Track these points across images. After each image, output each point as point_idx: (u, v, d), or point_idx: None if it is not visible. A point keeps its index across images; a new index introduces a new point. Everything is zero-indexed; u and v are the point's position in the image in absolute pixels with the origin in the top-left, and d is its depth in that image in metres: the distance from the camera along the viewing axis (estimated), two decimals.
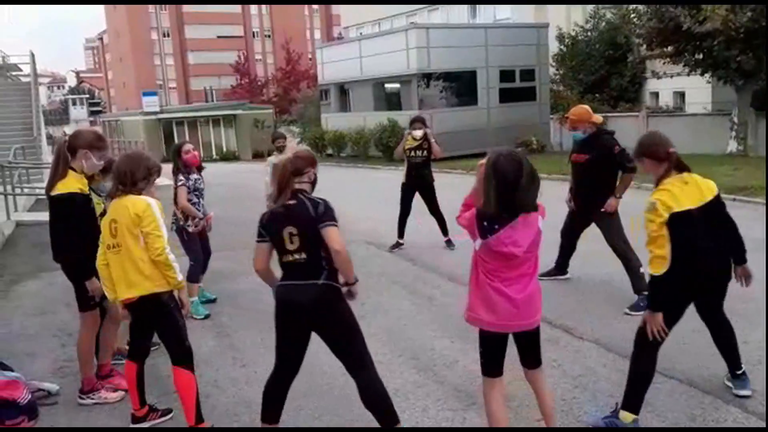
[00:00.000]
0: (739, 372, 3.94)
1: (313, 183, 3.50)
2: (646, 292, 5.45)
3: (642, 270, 5.62)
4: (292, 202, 3.35)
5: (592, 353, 4.76)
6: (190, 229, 6.15)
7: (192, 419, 3.66)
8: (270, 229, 3.38)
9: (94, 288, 4.09)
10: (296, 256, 3.31)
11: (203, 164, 6.49)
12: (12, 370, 4.34)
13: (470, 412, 3.94)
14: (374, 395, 3.38)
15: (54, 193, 4.06)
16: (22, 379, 4.19)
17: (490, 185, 3.02)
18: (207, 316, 5.97)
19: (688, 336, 4.67)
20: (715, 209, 3.64)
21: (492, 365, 3.30)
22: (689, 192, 3.56)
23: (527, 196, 3.04)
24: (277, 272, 3.48)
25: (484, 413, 3.87)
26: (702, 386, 4.09)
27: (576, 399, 4.02)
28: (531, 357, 3.36)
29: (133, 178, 3.67)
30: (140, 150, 4.08)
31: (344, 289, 3.42)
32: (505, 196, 3.00)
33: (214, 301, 6.51)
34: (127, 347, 5.08)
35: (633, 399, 3.59)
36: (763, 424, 3.63)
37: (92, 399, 4.27)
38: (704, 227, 3.55)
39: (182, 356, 3.72)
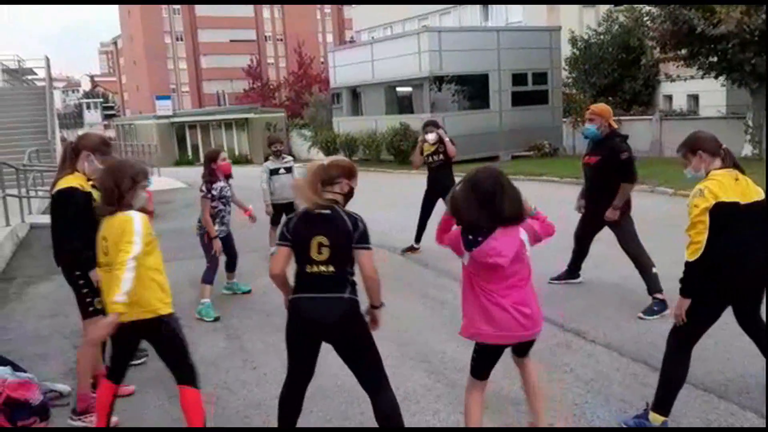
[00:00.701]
0: None
1: (347, 195, 3.30)
2: (659, 295, 5.45)
3: (655, 270, 5.58)
4: (325, 211, 3.18)
5: (605, 357, 4.71)
6: (216, 247, 6.29)
7: None
8: (296, 234, 3.20)
9: (97, 279, 3.92)
10: (322, 268, 3.16)
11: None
12: (24, 371, 4.36)
13: (483, 416, 3.90)
14: (393, 416, 3.26)
15: (55, 189, 4.06)
16: (35, 380, 4.20)
17: (469, 199, 3.13)
18: (217, 319, 5.98)
19: (703, 342, 4.60)
20: (760, 211, 3.59)
21: (481, 370, 3.38)
22: (738, 187, 3.53)
23: (503, 209, 3.10)
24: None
25: (497, 417, 3.87)
26: (717, 391, 4.04)
27: (588, 403, 3.98)
28: (522, 351, 3.45)
29: (119, 191, 3.46)
30: (120, 159, 3.86)
31: (368, 314, 3.33)
32: (485, 208, 3.09)
33: (248, 292, 6.88)
34: None
35: (664, 401, 3.57)
36: None
37: (83, 422, 4.04)
38: (749, 224, 3.53)
39: (186, 375, 3.54)
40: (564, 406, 3.92)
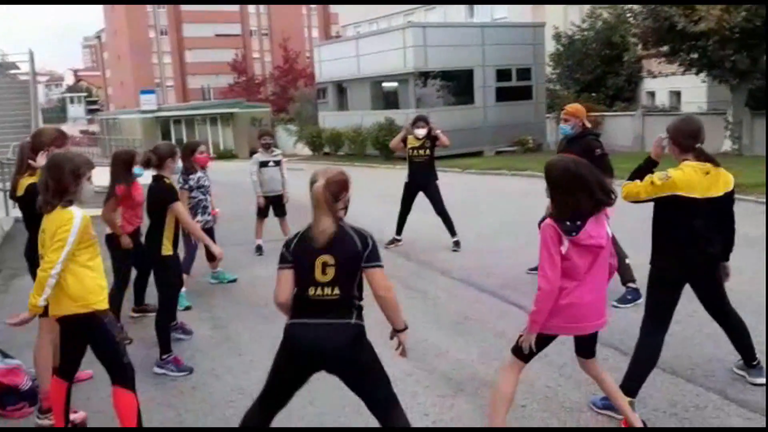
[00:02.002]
0: (754, 363, 4.06)
1: (346, 208, 3.05)
2: (632, 284, 5.64)
3: (628, 261, 5.75)
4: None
5: None
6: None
7: None
8: (298, 254, 2.95)
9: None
10: (327, 290, 2.91)
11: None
12: (13, 359, 4.45)
13: (458, 398, 4.06)
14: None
15: (21, 192, 4.00)
16: (23, 367, 4.29)
17: (574, 189, 3.18)
18: (188, 308, 6.05)
19: (672, 328, 4.78)
20: (722, 204, 3.75)
21: (529, 354, 3.35)
22: (705, 181, 3.68)
23: (605, 191, 3.22)
24: None
25: (472, 399, 4.01)
26: (684, 375, 4.22)
27: (560, 387, 4.14)
28: (586, 349, 3.47)
29: (59, 186, 3.33)
30: (61, 154, 3.69)
31: (395, 339, 3.13)
32: (590, 194, 3.17)
33: (234, 281, 7.07)
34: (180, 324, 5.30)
35: (632, 383, 3.71)
36: (743, 411, 3.74)
37: (50, 420, 3.87)
38: (708, 218, 3.71)
39: (121, 375, 3.42)
40: (536, 389, 4.07)
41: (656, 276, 3.84)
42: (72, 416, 3.80)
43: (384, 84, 24.24)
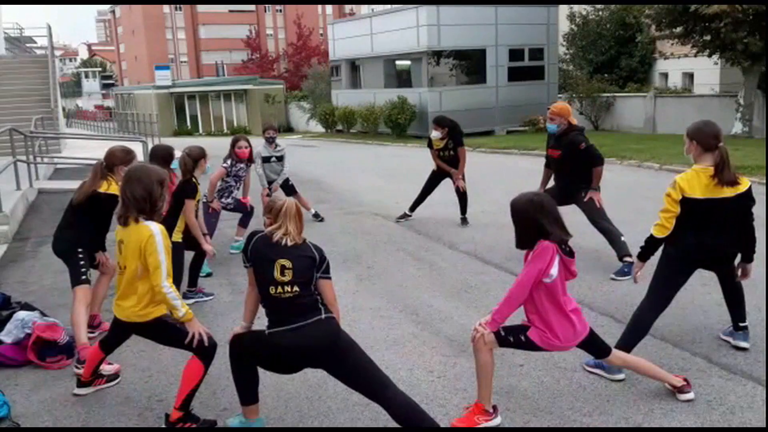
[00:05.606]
0: (742, 325, 4.35)
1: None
2: (629, 258, 5.92)
3: (623, 238, 6.04)
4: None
5: None
6: (214, 206, 7.16)
7: (178, 404, 3.53)
8: (257, 254, 3.24)
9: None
10: (287, 288, 3.17)
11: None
12: (49, 318, 4.81)
13: (460, 358, 4.38)
14: (408, 409, 3.17)
15: (104, 190, 4.53)
16: (60, 324, 4.66)
17: (551, 218, 3.34)
18: (209, 275, 6.45)
19: None
20: (734, 205, 3.96)
21: (508, 346, 3.56)
22: (710, 184, 3.92)
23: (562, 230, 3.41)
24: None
25: (472, 360, 4.31)
26: (672, 341, 4.51)
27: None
28: (596, 352, 3.65)
29: (152, 199, 3.48)
30: (140, 165, 3.89)
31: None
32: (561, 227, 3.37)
33: None
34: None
35: (623, 347, 3.98)
36: (724, 372, 4.03)
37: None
38: (714, 218, 3.95)
39: (195, 351, 3.59)
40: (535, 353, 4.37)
41: (664, 258, 4.15)
42: (107, 367, 4.18)
43: (397, 62, 24.39)
